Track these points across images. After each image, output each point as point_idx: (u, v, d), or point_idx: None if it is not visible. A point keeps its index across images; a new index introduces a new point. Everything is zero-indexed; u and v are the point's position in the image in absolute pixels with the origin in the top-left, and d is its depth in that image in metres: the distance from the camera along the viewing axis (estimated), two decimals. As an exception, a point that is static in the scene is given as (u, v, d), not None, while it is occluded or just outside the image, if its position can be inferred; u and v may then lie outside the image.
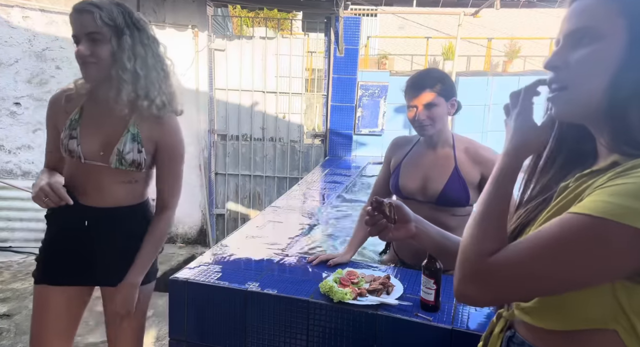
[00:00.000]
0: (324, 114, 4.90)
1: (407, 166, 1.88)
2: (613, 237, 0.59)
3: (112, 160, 1.52)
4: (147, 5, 4.49)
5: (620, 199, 0.59)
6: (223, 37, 4.80)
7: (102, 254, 1.57)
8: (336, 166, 4.30)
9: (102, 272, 1.58)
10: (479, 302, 0.77)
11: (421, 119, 1.74)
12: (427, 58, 9.78)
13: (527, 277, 0.65)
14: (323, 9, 4.45)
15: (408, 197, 1.84)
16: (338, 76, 4.71)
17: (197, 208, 4.88)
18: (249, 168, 4.95)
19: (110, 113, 1.50)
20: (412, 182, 1.83)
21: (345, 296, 1.44)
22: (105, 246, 1.57)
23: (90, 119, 1.52)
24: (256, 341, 1.54)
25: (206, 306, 1.60)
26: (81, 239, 1.56)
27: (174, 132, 1.70)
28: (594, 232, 0.60)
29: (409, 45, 12.71)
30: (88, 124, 1.51)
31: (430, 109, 1.73)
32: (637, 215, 0.58)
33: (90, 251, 1.56)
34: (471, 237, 0.73)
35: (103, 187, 1.55)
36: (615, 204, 0.59)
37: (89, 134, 1.51)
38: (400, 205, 1.01)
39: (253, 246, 2.02)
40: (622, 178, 0.62)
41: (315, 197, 3.19)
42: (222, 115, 4.85)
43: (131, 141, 1.54)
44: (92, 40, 1.40)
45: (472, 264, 0.70)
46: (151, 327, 3.08)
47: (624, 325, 0.64)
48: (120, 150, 1.52)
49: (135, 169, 1.58)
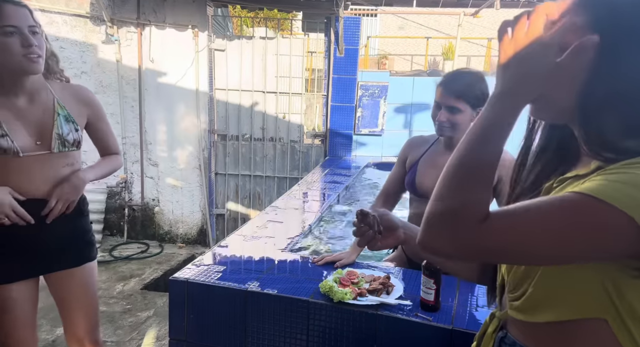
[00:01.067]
0: (324, 114, 4.91)
1: (424, 165, 1.87)
2: (610, 220, 0.60)
3: (53, 145, 1.56)
4: (147, 5, 4.49)
5: (624, 186, 0.61)
6: (223, 37, 4.80)
7: (59, 239, 1.64)
8: (336, 166, 4.30)
9: (59, 257, 1.67)
10: (448, 256, 0.78)
11: (441, 120, 1.71)
12: (427, 58, 9.78)
13: (517, 247, 0.65)
14: (323, 9, 4.46)
15: (423, 196, 1.84)
16: (338, 76, 4.72)
17: (197, 208, 4.88)
18: (249, 168, 4.95)
19: (30, 102, 1.55)
20: (429, 181, 1.83)
21: (345, 296, 1.44)
22: (61, 231, 1.63)
23: (9, 114, 1.51)
24: (256, 341, 1.54)
25: (206, 306, 1.60)
26: (34, 232, 1.58)
27: (91, 96, 1.75)
28: (592, 211, 0.61)
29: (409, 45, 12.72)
30: (9, 119, 1.50)
31: (453, 113, 1.69)
32: (636, 205, 0.59)
33: (45, 240, 1.62)
34: (458, 190, 0.68)
35: (48, 176, 1.58)
36: (618, 191, 0.60)
37: (16, 128, 1.51)
38: (384, 214, 1.01)
39: (253, 246, 2.02)
40: (625, 168, 0.63)
41: (315, 197, 3.19)
42: (222, 116, 4.85)
43: (66, 122, 1.59)
44: (33, 33, 1.47)
45: (459, 224, 0.66)
46: (151, 327, 3.08)
47: (613, 314, 0.65)
48: (60, 133, 1.57)
49: (76, 149, 1.64)
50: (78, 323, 1.76)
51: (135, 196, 4.89)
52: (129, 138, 4.70)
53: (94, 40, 4.53)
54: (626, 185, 0.61)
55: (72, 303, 1.74)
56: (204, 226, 4.92)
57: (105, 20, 4.42)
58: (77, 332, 1.76)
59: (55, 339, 2.82)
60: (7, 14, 1.42)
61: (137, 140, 4.71)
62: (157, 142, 4.74)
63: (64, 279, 1.71)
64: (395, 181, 1.98)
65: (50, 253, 1.65)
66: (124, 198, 4.88)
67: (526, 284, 0.73)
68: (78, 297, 1.73)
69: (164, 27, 4.52)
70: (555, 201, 0.64)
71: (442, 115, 1.70)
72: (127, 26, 4.53)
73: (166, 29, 4.52)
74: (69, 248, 1.69)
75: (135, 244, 4.79)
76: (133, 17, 4.50)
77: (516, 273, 0.76)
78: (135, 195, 4.88)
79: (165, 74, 4.61)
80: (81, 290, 1.74)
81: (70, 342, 1.79)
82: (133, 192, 4.88)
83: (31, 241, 1.60)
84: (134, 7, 4.49)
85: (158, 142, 4.74)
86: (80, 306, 1.74)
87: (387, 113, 4.84)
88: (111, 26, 4.46)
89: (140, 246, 4.73)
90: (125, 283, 3.78)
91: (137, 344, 2.87)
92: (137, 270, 4.12)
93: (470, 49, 11.00)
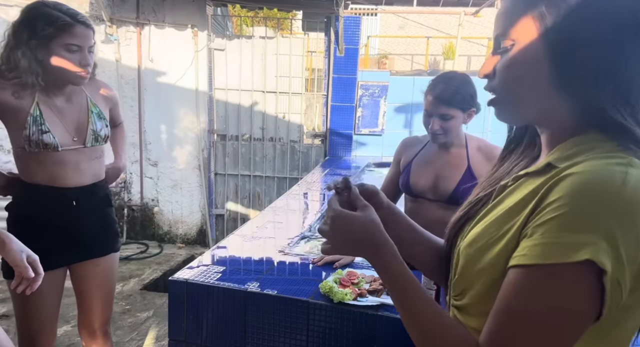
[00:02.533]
0: (324, 114, 4.90)
1: (418, 165, 1.87)
2: (567, 278, 0.55)
3: (88, 140, 1.74)
4: (147, 5, 4.49)
5: (559, 236, 0.56)
6: (223, 37, 4.79)
7: (90, 227, 1.77)
8: (336, 166, 4.29)
9: (89, 246, 1.79)
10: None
11: (434, 129, 1.73)
12: (427, 58, 9.78)
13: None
14: (323, 9, 4.45)
15: (418, 196, 1.84)
16: (338, 76, 4.71)
17: (196, 208, 4.87)
18: (248, 168, 4.95)
19: (68, 101, 1.71)
20: (424, 181, 1.83)
21: (346, 296, 1.43)
22: (92, 221, 1.77)
23: (51, 113, 1.66)
24: (256, 341, 1.54)
25: (206, 306, 1.59)
26: (67, 221, 1.71)
27: (112, 92, 1.94)
28: (553, 281, 0.56)
29: (409, 44, 12.72)
30: (50, 117, 1.66)
31: (446, 120, 1.71)
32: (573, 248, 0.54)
33: (79, 228, 1.74)
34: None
35: (81, 168, 1.74)
36: (556, 244, 0.56)
37: (56, 126, 1.66)
38: (372, 188, 0.93)
39: (253, 246, 2.02)
40: (552, 210, 0.57)
41: (315, 197, 3.18)
42: (222, 115, 4.84)
43: (98, 119, 1.78)
44: (90, 52, 1.66)
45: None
46: (151, 327, 3.07)
47: None
48: (94, 130, 1.75)
49: (105, 143, 1.83)
50: (95, 314, 1.84)
51: (135, 196, 4.88)
52: (129, 138, 4.68)
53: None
54: (563, 233, 0.56)
55: (93, 293, 1.83)
56: (203, 226, 4.91)
57: (104, 20, 4.41)
58: (92, 323, 1.85)
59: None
60: (76, 33, 1.59)
61: (137, 140, 4.70)
62: (156, 142, 4.74)
63: (89, 269, 1.81)
64: (393, 181, 1.99)
65: (82, 242, 1.76)
66: (123, 198, 4.87)
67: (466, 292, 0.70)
68: (100, 287, 1.83)
69: (163, 27, 4.51)
70: (522, 298, 0.58)
71: (435, 123, 1.72)
72: (126, 26, 4.52)
73: (165, 28, 4.51)
74: (98, 238, 1.81)
75: (135, 244, 4.79)
76: (132, 16, 4.49)
77: (460, 280, 0.72)
78: (134, 195, 4.88)
79: (165, 73, 4.61)
80: (104, 280, 1.84)
81: (83, 332, 1.88)
82: (132, 192, 4.87)
83: (64, 230, 1.70)
84: (134, 7, 4.48)
85: (157, 142, 4.74)
86: (100, 295, 1.84)
87: (387, 113, 4.83)
88: (110, 26, 4.45)
89: (140, 246, 4.73)
90: (124, 283, 3.78)
91: (136, 344, 2.86)
92: (137, 270, 4.11)
93: (471, 48, 11.00)
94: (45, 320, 1.71)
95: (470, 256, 0.68)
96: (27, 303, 1.66)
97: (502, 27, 0.68)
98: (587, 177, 0.57)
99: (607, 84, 0.61)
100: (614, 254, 0.53)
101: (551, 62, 0.63)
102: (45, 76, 1.61)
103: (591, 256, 0.53)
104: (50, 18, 1.56)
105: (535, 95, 0.66)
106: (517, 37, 0.65)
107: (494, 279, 0.64)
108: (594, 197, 0.55)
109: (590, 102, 0.62)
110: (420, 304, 0.68)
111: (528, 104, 0.67)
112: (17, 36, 1.57)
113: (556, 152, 0.66)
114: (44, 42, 1.56)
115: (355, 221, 0.72)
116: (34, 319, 1.69)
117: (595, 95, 0.61)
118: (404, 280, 0.69)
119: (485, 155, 1.79)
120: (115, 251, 1.89)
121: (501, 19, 0.69)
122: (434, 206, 1.79)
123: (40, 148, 1.62)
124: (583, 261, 0.53)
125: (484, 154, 1.79)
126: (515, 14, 0.66)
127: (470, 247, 0.69)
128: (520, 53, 0.65)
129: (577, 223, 0.55)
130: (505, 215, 0.65)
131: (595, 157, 0.60)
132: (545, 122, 0.70)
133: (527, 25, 0.65)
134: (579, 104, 0.64)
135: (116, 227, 1.93)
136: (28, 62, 1.56)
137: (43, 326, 1.71)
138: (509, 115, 0.73)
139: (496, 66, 0.69)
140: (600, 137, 0.63)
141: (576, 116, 0.65)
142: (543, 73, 0.64)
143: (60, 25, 1.56)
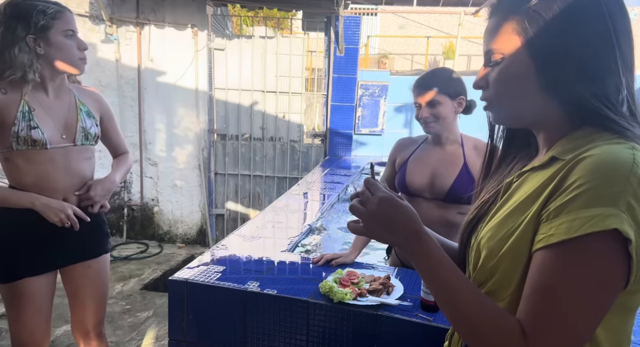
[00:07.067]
0: (324, 114, 4.90)
1: (414, 163, 1.87)
2: (598, 248, 0.59)
3: (77, 137, 1.69)
4: (147, 5, 4.48)
5: (583, 211, 0.59)
6: (223, 37, 4.79)
7: (80, 232, 1.68)
8: (336, 166, 4.29)
9: (80, 249, 1.75)
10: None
11: (424, 116, 1.77)
12: (427, 57, 9.77)
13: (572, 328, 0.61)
14: (323, 8, 4.45)
15: (415, 194, 1.84)
16: (338, 76, 4.71)
17: (196, 208, 4.87)
18: (248, 168, 4.95)
19: (56, 98, 1.67)
20: (420, 179, 1.83)
21: (346, 296, 1.43)
22: (82, 224, 1.68)
23: (39, 109, 1.62)
24: (256, 341, 1.54)
25: (206, 306, 1.59)
26: (57, 226, 1.63)
27: (103, 98, 1.87)
28: (583, 253, 0.59)
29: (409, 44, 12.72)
30: (39, 113, 1.61)
31: (434, 106, 1.75)
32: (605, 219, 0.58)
33: (69, 230, 1.65)
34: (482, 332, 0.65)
35: (71, 168, 1.68)
36: (581, 218, 0.59)
37: (45, 122, 1.62)
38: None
39: (253, 246, 2.02)
40: (573, 190, 0.61)
41: (315, 197, 3.18)
42: (222, 115, 4.84)
43: (87, 117, 1.73)
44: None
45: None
46: (151, 327, 3.07)
47: None
48: (84, 127, 1.70)
49: (94, 143, 1.77)
50: (88, 315, 1.81)
51: (135, 196, 4.88)
52: (128, 138, 4.68)
53: (93, 40, 4.52)
54: (587, 209, 0.59)
55: (86, 294, 1.80)
56: (203, 226, 4.91)
57: (104, 20, 4.41)
58: (86, 325, 1.82)
59: (54, 339, 2.82)
60: (68, 19, 1.60)
61: (136, 140, 4.70)
62: (156, 142, 4.74)
63: (80, 271, 1.78)
64: (388, 182, 1.98)
65: (72, 246, 1.72)
66: (123, 198, 4.87)
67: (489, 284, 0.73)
68: (92, 288, 1.80)
69: (163, 26, 4.51)
70: (556, 273, 0.61)
71: (424, 111, 1.77)
72: (126, 25, 4.52)
73: (165, 28, 4.51)
74: (88, 240, 1.76)
75: (135, 244, 4.79)
76: (132, 16, 4.49)
77: (480, 272, 0.75)
78: (134, 195, 4.88)
79: (165, 73, 4.60)
80: (95, 281, 1.81)
81: (76, 334, 1.85)
82: (132, 192, 4.87)
83: (54, 234, 1.66)
84: (133, 7, 4.48)
85: (157, 141, 4.73)
86: (92, 297, 1.81)
87: (387, 113, 4.83)
88: (110, 25, 4.45)
89: (140, 246, 4.73)
90: (124, 283, 3.78)
91: (136, 344, 2.86)
92: (137, 270, 4.11)
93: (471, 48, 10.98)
94: (38, 324, 1.68)
95: (492, 248, 0.71)
96: (19, 308, 1.64)
97: (491, 43, 0.74)
98: (601, 158, 0.61)
99: (588, 84, 0.66)
100: (635, 226, 0.57)
101: (538, 70, 0.69)
102: (43, 70, 1.59)
103: (617, 226, 0.57)
104: (40, 9, 1.54)
105: (529, 102, 0.72)
106: (505, 51, 0.72)
107: (513, 265, 0.68)
108: (611, 174, 0.59)
109: (578, 101, 0.68)
110: (464, 285, 0.69)
111: (523, 110, 0.73)
112: (11, 33, 1.52)
113: (557, 147, 0.70)
114: (42, 34, 1.54)
115: (402, 205, 0.74)
116: (27, 323, 1.66)
117: (580, 94, 0.67)
118: (449, 264, 0.71)
119: (482, 153, 1.79)
120: (106, 252, 1.85)
121: (489, 36, 0.75)
122: (431, 204, 1.79)
123: (28, 145, 1.57)
124: (610, 230, 0.57)
125: (481, 153, 1.79)
126: (501, 31, 0.72)
127: (491, 239, 0.72)
128: (509, 66, 0.72)
129: (598, 198, 0.59)
130: (520, 206, 0.69)
131: (603, 144, 0.64)
132: (541, 124, 0.75)
133: (512, 40, 0.71)
134: (568, 104, 0.69)
135: (106, 227, 1.87)
136: (28, 58, 1.53)
137: (36, 329, 1.68)
138: (505, 121, 0.80)
139: (488, 78, 0.75)
140: (594, 130, 0.68)
141: (569, 115, 0.70)
142: (532, 81, 0.70)
143: (52, 13, 1.55)
